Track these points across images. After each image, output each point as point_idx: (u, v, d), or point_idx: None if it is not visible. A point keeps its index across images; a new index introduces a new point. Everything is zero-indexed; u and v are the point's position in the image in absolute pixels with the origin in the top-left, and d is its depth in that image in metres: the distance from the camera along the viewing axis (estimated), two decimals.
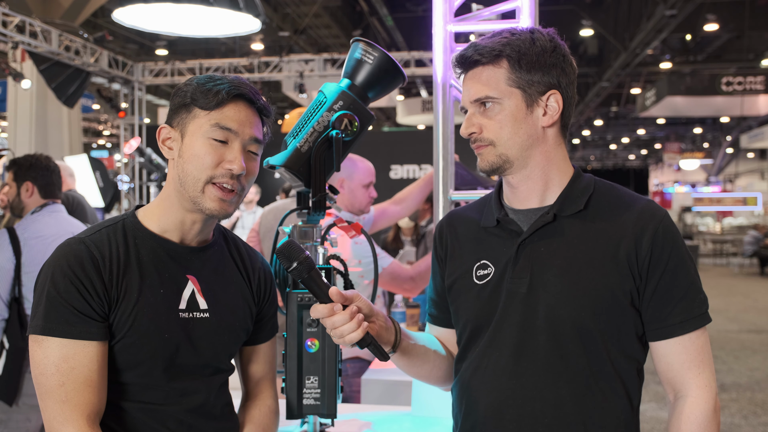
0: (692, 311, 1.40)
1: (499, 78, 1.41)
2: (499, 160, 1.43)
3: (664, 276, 1.39)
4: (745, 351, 8.49)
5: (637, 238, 1.39)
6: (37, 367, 1.35)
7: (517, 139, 1.41)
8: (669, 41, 15.28)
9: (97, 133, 23.48)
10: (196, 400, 1.46)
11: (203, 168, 1.40)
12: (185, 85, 1.46)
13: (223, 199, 1.42)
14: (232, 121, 1.42)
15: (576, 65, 1.47)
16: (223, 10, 6.28)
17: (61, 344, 1.33)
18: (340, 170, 3.28)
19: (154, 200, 1.51)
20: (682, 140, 28.87)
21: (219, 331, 1.49)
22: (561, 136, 1.47)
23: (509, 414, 1.41)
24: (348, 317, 1.34)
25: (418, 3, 13.53)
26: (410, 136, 12.90)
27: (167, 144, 1.46)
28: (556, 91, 1.42)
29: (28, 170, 3.31)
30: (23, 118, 9.65)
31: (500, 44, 1.41)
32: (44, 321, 1.34)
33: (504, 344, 1.42)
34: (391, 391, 2.78)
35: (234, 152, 1.42)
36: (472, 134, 1.44)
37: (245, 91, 1.44)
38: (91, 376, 1.34)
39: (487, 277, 1.46)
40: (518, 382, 1.40)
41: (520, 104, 1.41)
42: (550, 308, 1.38)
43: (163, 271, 1.44)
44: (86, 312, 1.35)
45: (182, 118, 1.44)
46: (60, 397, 1.33)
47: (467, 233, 1.55)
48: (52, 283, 1.35)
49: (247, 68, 9.71)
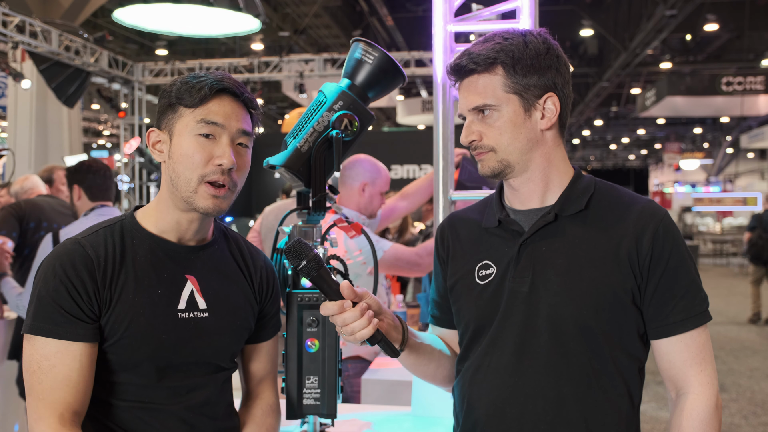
0: (693, 309, 1.41)
1: (496, 85, 1.41)
2: (500, 166, 1.44)
3: (665, 275, 1.40)
4: (745, 351, 8.49)
5: (637, 237, 1.40)
6: (24, 365, 1.36)
7: (517, 144, 1.42)
8: (669, 41, 15.28)
9: (97, 133, 23.49)
10: (199, 397, 1.46)
11: (193, 167, 1.39)
12: (170, 86, 1.45)
13: (216, 196, 1.41)
14: (217, 115, 1.41)
15: (570, 63, 1.48)
16: (223, 10, 6.28)
17: (46, 343, 1.34)
18: (363, 173, 3.40)
19: (152, 201, 1.50)
20: (682, 140, 28.88)
21: (219, 330, 1.48)
22: (560, 137, 1.48)
23: (511, 412, 1.41)
24: (359, 314, 1.34)
25: (418, 3, 13.52)
26: (410, 136, 12.90)
27: (157, 147, 1.45)
28: (552, 93, 1.42)
29: (75, 174, 3.42)
30: (23, 118, 9.65)
31: (494, 51, 1.41)
32: (32, 320, 1.35)
33: (506, 343, 1.42)
34: (391, 391, 2.78)
35: (222, 146, 1.40)
36: (473, 142, 1.45)
37: (228, 84, 1.43)
38: (70, 375, 1.34)
39: (489, 277, 1.47)
40: (520, 380, 1.41)
41: (518, 109, 1.41)
42: (551, 307, 1.39)
43: (161, 272, 1.43)
44: (74, 312, 1.35)
45: (169, 119, 1.43)
46: (37, 394, 1.34)
47: (469, 234, 1.56)
48: (44, 282, 1.36)
49: (247, 68, 9.71)
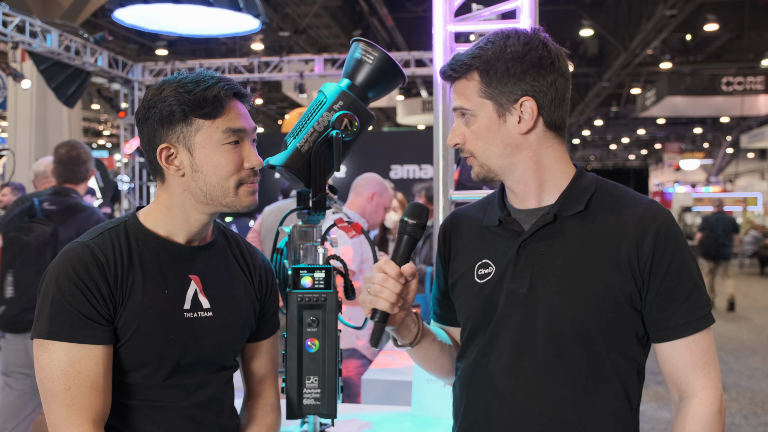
0: (696, 313, 1.40)
1: (472, 90, 1.43)
2: (482, 170, 1.46)
3: (667, 278, 1.39)
4: (745, 351, 8.49)
5: (638, 240, 1.38)
6: (42, 371, 1.34)
7: (494, 149, 1.43)
8: (669, 41, 15.27)
9: (97, 133, 23.48)
10: (204, 395, 1.47)
11: (228, 175, 1.43)
12: (163, 97, 1.41)
13: (254, 192, 1.48)
14: (238, 121, 1.44)
15: (565, 61, 1.45)
16: (223, 10, 6.28)
17: (67, 348, 1.33)
18: (374, 185, 3.59)
19: (154, 204, 1.50)
20: (682, 140, 28.86)
21: (223, 329, 1.49)
22: (552, 137, 1.45)
23: (508, 414, 1.41)
24: (399, 289, 1.37)
25: (418, 3, 13.52)
26: (410, 136, 12.90)
27: (174, 162, 1.43)
28: (529, 97, 1.41)
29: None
30: (23, 118, 9.64)
31: (471, 57, 1.43)
32: (49, 325, 1.34)
33: (504, 344, 1.42)
34: (391, 391, 2.79)
35: (248, 149, 1.46)
36: (457, 144, 1.47)
37: (234, 85, 1.46)
38: (96, 380, 1.34)
39: (487, 276, 1.47)
40: (517, 381, 1.41)
41: (491, 115, 1.42)
42: (549, 309, 1.38)
43: (166, 272, 1.44)
44: (91, 316, 1.35)
45: (182, 132, 1.41)
46: (66, 401, 1.32)
47: (470, 232, 1.56)
48: (57, 287, 1.35)
49: (247, 68, 9.69)
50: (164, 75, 10.84)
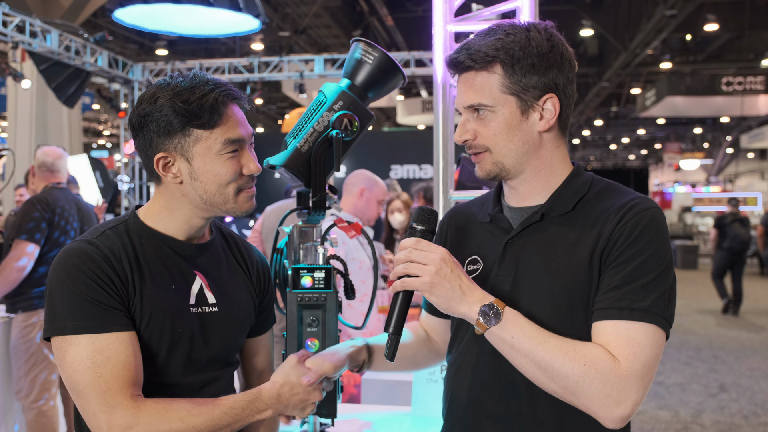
0: (631, 303, 1.27)
1: (493, 85, 1.36)
2: (495, 168, 1.41)
3: (615, 261, 1.30)
4: (745, 351, 8.49)
5: (610, 229, 1.32)
6: (69, 367, 1.32)
7: (512, 146, 1.39)
8: (669, 41, 15.27)
9: (97, 133, 23.49)
10: (212, 392, 1.47)
11: (227, 183, 1.43)
12: (158, 106, 1.39)
13: (252, 196, 1.49)
14: (236, 130, 1.43)
15: (575, 61, 1.42)
16: (223, 10, 6.28)
17: (93, 339, 1.32)
18: (363, 181, 3.57)
19: (154, 204, 1.50)
20: (682, 140, 28.86)
21: (227, 324, 1.51)
22: (560, 137, 1.44)
23: (487, 411, 1.42)
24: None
25: (418, 3, 13.53)
26: (410, 136, 12.91)
27: (172, 170, 1.43)
28: (552, 94, 1.37)
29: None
30: (23, 118, 9.64)
31: (493, 48, 1.35)
32: (73, 320, 1.32)
33: (485, 341, 1.39)
34: (391, 391, 2.78)
35: (246, 156, 1.46)
36: (467, 141, 1.41)
37: (232, 91, 1.44)
38: (128, 360, 1.34)
39: (475, 272, 1.47)
40: (496, 379, 1.41)
41: (514, 111, 1.37)
42: (528, 307, 1.37)
43: (171, 268, 1.45)
44: (111, 304, 1.35)
45: (180, 142, 1.40)
46: (100, 387, 1.31)
47: (464, 227, 1.57)
48: (72, 282, 1.34)
49: (247, 68, 9.69)
50: (164, 75, 10.83)
